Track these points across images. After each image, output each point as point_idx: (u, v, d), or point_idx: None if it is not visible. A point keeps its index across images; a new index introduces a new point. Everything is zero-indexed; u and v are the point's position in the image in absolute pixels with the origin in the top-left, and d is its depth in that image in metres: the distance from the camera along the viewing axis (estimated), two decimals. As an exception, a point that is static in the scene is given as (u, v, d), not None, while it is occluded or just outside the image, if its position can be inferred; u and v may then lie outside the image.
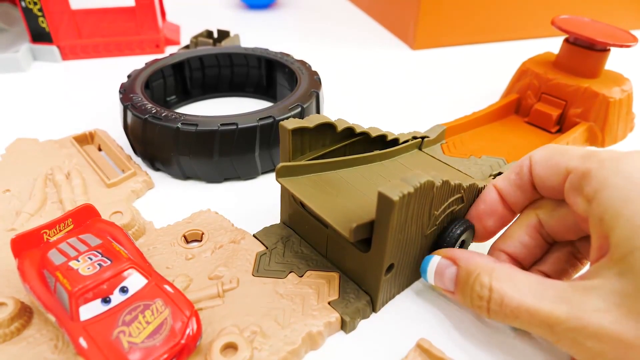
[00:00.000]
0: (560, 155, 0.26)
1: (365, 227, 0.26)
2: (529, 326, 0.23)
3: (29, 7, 0.59)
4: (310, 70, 0.48)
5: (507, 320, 0.24)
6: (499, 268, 0.25)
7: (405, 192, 0.24)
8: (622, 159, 0.23)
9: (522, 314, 0.23)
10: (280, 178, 0.29)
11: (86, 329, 0.23)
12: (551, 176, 0.26)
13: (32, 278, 0.26)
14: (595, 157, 0.24)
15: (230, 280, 0.29)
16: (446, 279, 0.27)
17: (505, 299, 0.24)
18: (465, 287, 0.26)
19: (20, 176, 0.39)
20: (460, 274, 0.26)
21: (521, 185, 0.28)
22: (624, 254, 0.21)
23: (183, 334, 0.24)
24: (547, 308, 0.22)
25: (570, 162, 0.25)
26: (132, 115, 0.40)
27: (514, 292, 0.23)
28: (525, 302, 0.23)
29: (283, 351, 0.25)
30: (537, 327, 0.23)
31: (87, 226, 0.29)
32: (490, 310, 0.24)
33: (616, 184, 0.22)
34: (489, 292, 0.24)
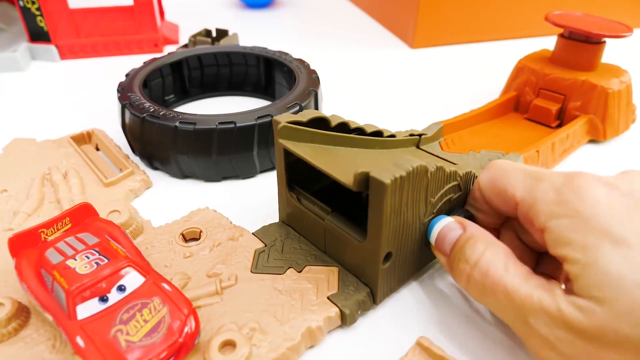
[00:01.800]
0: (505, 181, 0.26)
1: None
2: (502, 306, 0.23)
3: (27, 6, 0.59)
4: (308, 69, 0.48)
5: (484, 293, 0.24)
6: (498, 244, 0.25)
7: (397, 175, 0.24)
8: (562, 188, 0.23)
9: (500, 290, 0.23)
10: (282, 139, 0.28)
11: (83, 328, 0.23)
12: (503, 204, 0.26)
13: (29, 277, 0.26)
14: (537, 187, 0.24)
15: (229, 277, 0.29)
16: (447, 241, 0.27)
17: (492, 270, 0.24)
18: (460, 249, 0.26)
19: (17, 176, 0.39)
20: (462, 237, 0.26)
21: (481, 208, 0.29)
22: (579, 274, 0.21)
23: (181, 332, 0.24)
24: (526, 291, 0.22)
25: (517, 193, 0.25)
26: (130, 114, 0.40)
27: (501, 268, 0.23)
28: (508, 279, 0.23)
29: (282, 347, 0.25)
30: (510, 311, 0.23)
31: (85, 225, 0.29)
32: (470, 278, 0.24)
33: (560, 214, 0.22)
34: (478, 257, 0.24)
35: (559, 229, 0.22)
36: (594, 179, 0.23)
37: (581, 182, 0.23)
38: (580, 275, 0.21)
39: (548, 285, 0.22)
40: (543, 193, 0.24)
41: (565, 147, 0.44)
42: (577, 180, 0.23)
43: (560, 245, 0.22)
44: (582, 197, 0.22)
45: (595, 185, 0.22)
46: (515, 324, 0.23)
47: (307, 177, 0.33)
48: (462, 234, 0.26)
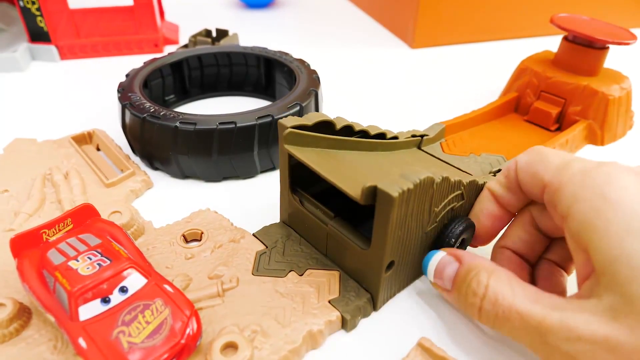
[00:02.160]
0: (539, 164, 0.26)
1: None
2: (518, 331, 0.23)
3: (27, 6, 0.59)
4: (309, 69, 0.48)
5: (498, 322, 0.24)
6: (499, 270, 0.25)
7: (405, 188, 0.24)
8: (591, 171, 0.23)
9: (514, 316, 0.23)
10: (288, 145, 0.28)
11: (85, 329, 0.23)
12: (533, 186, 0.26)
13: (31, 278, 0.26)
14: (566, 171, 0.24)
15: (230, 279, 0.29)
16: (446, 276, 0.27)
17: (500, 298, 0.23)
18: (463, 283, 0.25)
19: (18, 176, 0.39)
20: (461, 271, 0.26)
21: (511, 188, 0.28)
22: (604, 266, 0.21)
23: (183, 334, 0.24)
24: (539, 313, 0.22)
25: (546, 175, 0.25)
26: (130, 115, 0.40)
27: (509, 293, 0.23)
28: (519, 304, 0.23)
29: (284, 350, 0.25)
30: (526, 334, 0.22)
31: (87, 226, 0.29)
32: (482, 310, 0.24)
33: (585, 198, 0.22)
34: (484, 289, 0.24)
35: (581, 213, 0.22)
36: (625, 167, 0.22)
37: (610, 168, 0.22)
38: (607, 269, 0.20)
39: (563, 303, 0.22)
40: (570, 176, 0.23)
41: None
42: (607, 166, 0.22)
43: (583, 231, 0.21)
44: (609, 181, 0.21)
45: (625, 172, 0.22)
46: (534, 345, 0.23)
47: (309, 179, 0.33)
48: (460, 267, 0.26)
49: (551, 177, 0.24)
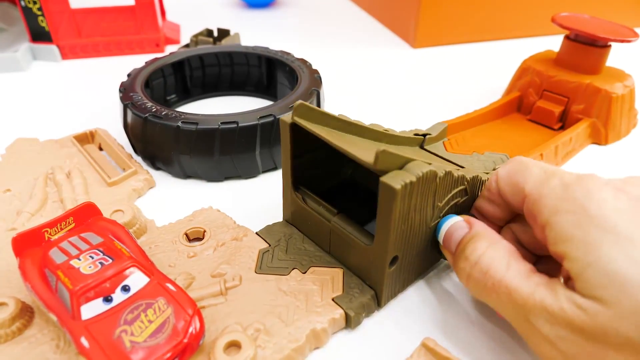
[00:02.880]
0: (520, 174, 0.26)
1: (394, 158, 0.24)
2: (504, 305, 0.23)
3: (29, 6, 0.59)
4: (310, 68, 0.48)
5: (485, 292, 0.24)
6: (501, 242, 0.25)
7: (407, 180, 0.23)
8: (571, 184, 0.23)
9: (502, 289, 0.23)
10: (298, 118, 0.28)
11: (88, 328, 0.23)
12: (513, 196, 0.26)
13: (33, 277, 0.26)
14: (547, 183, 0.24)
15: (233, 277, 0.29)
16: (453, 239, 0.27)
17: (492, 269, 0.24)
18: (462, 247, 0.26)
19: (20, 176, 0.38)
20: (467, 235, 0.26)
21: (494, 201, 0.28)
22: (579, 273, 0.21)
23: (186, 333, 0.24)
24: (528, 290, 0.22)
25: (527, 186, 0.25)
26: (132, 114, 0.40)
27: (502, 266, 0.23)
28: (510, 278, 0.23)
29: (287, 349, 0.25)
30: (512, 309, 0.23)
31: (89, 224, 0.29)
32: (470, 277, 0.24)
33: (566, 210, 0.22)
34: (477, 257, 0.24)
35: (561, 224, 0.22)
36: (604, 181, 0.23)
37: (590, 182, 0.23)
38: (582, 274, 0.21)
39: (550, 284, 0.22)
40: (550, 189, 0.24)
41: (567, 151, 0.44)
42: (587, 180, 0.23)
43: (561, 241, 0.22)
44: (589, 195, 0.22)
45: (604, 186, 0.22)
46: (517, 322, 0.23)
47: (311, 178, 0.33)
48: (467, 233, 0.26)
49: (531, 188, 0.25)
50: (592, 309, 0.20)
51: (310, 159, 0.32)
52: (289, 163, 0.30)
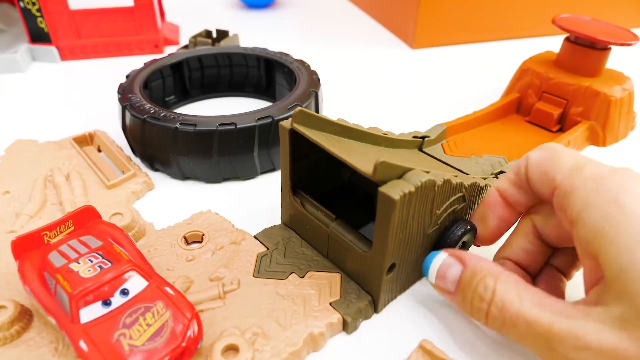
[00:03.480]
0: (551, 163, 0.25)
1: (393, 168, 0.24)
2: (525, 337, 0.22)
3: (28, 7, 0.59)
4: (309, 69, 0.48)
5: (505, 328, 0.23)
6: (505, 274, 0.24)
7: (406, 191, 0.24)
8: (605, 177, 0.22)
9: (521, 322, 0.22)
10: (297, 124, 0.28)
11: (87, 332, 0.23)
12: (542, 185, 0.25)
13: (32, 280, 0.26)
14: (579, 174, 0.23)
15: (231, 281, 0.29)
16: (449, 278, 0.26)
17: (507, 304, 0.23)
18: (468, 288, 0.25)
19: (19, 178, 0.39)
20: (465, 274, 0.25)
21: (521, 186, 0.28)
22: (614, 275, 0.20)
23: (184, 337, 0.24)
24: (547, 320, 0.21)
25: (557, 176, 0.24)
26: (130, 116, 0.40)
27: (516, 299, 0.23)
28: (526, 310, 0.22)
29: (285, 352, 0.25)
30: (534, 340, 0.22)
31: (88, 228, 0.29)
32: (489, 315, 0.24)
33: (598, 204, 0.21)
34: (491, 294, 0.24)
35: (592, 219, 0.21)
36: (638, 175, 0.22)
37: (625, 175, 0.22)
38: (616, 279, 0.20)
39: (570, 310, 0.22)
40: (582, 180, 0.23)
41: (566, 151, 0.44)
42: (621, 173, 0.22)
43: (593, 238, 0.21)
44: (623, 188, 0.21)
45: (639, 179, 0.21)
46: (540, 351, 0.22)
47: (310, 181, 0.33)
48: (465, 270, 0.26)
49: (562, 178, 0.24)
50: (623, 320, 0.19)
51: (309, 163, 0.32)
52: (287, 167, 0.30)
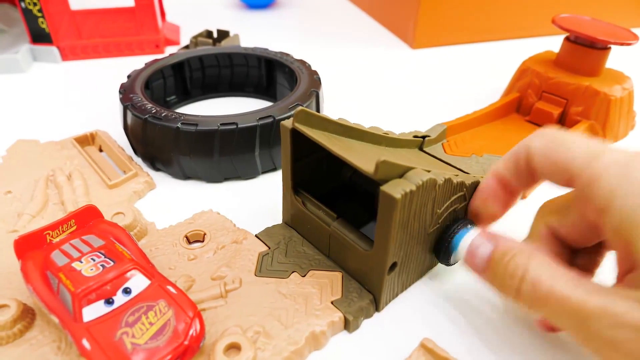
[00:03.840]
0: (561, 152, 0.24)
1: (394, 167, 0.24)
2: (557, 315, 0.22)
3: (29, 7, 0.59)
4: (310, 69, 0.48)
5: (536, 305, 0.23)
6: (537, 253, 0.24)
7: (407, 190, 0.24)
8: (629, 164, 0.21)
9: (554, 299, 0.22)
10: (298, 124, 0.28)
11: (89, 330, 0.23)
12: (553, 175, 0.25)
13: (35, 279, 0.26)
14: (598, 162, 0.22)
15: (233, 280, 0.29)
16: (479, 256, 0.26)
17: (539, 281, 0.22)
18: (499, 265, 0.24)
19: (21, 178, 0.39)
20: (496, 251, 0.25)
21: (519, 173, 0.27)
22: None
23: (186, 335, 0.24)
24: (581, 297, 0.21)
25: (574, 167, 0.23)
26: (132, 116, 0.40)
27: (549, 276, 0.22)
28: (559, 288, 0.22)
29: (286, 351, 0.25)
30: (567, 318, 0.22)
31: (90, 227, 0.29)
32: (520, 291, 0.23)
33: (628, 192, 0.21)
34: (523, 271, 0.23)
35: (623, 208, 0.21)
36: None
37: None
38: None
39: (605, 289, 0.21)
40: (604, 168, 0.22)
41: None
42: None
43: (626, 227, 0.21)
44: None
45: None
46: (573, 329, 0.22)
47: (311, 181, 0.33)
48: (495, 248, 0.25)
49: (580, 169, 0.23)
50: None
51: (310, 162, 0.32)
52: (289, 167, 0.30)
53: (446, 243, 0.29)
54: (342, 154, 0.25)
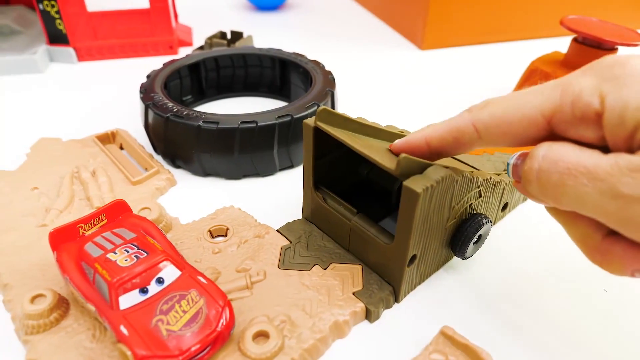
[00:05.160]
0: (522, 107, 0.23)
1: (414, 163, 0.25)
2: (583, 190, 0.20)
3: (47, 9, 0.60)
4: (324, 70, 0.49)
5: (558, 185, 0.21)
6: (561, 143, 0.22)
7: (428, 185, 0.25)
8: (627, 61, 0.20)
9: (580, 170, 0.20)
10: (321, 122, 0.29)
11: (126, 318, 0.24)
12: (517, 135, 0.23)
13: (71, 270, 0.27)
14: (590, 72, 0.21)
15: (258, 272, 0.30)
16: (520, 167, 0.24)
17: (564, 157, 0.21)
18: (528, 158, 0.22)
19: (46, 174, 0.40)
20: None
21: (459, 145, 0.26)
22: None
23: (218, 322, 0.25)
24: (609, 162, 0.19)
25: (545, 106, 0.22)
26: (153, 114, 0.41)
27: (574, 152, 0.20)
28: (586, 158, 0.20)
29: (312, 339, 0.26)
30: (594, 190, 0.19)
31: (120, 221, 0.30)
32: (540, 172, 0.21)
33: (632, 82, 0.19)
34: (544, 152, 0.21)
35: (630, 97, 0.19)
36: None
37: None
38: None
39: (628, 157, 0.19)
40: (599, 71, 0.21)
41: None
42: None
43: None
44: None
45: None
46: (603, 204, 0.19)
47: (329, 178, 0.34)
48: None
49: (553, 101, 0.22)
50: None
51: (328, 160, 0.33)
52: (310, 164, 0.32)
53: (463, 237, 0.30)
54: (364, 151, 0.27)
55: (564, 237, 0.36)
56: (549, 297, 0.31)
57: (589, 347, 0.28)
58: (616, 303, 0.31)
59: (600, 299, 0.31)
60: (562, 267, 0.33)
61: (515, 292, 0.31)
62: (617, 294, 0.31)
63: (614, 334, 0.29)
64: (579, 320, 0.30)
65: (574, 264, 0.33)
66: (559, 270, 0.33)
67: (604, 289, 0.32)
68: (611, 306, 0.31)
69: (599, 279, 0.32)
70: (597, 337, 0.29)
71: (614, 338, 0.29)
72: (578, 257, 0.34)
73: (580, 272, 0.33)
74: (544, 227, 0.37)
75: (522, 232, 0.36)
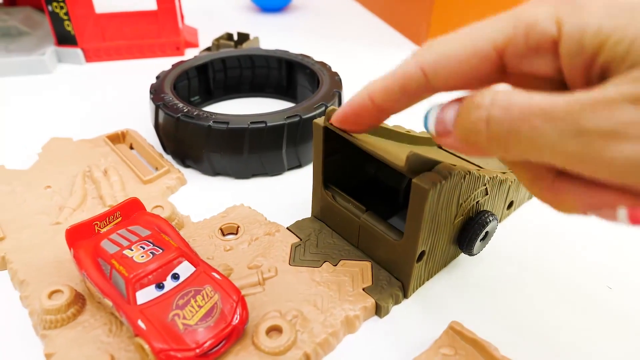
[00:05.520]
0: (473, 42, 0.21)
1: (422, 160, 0.25)
2: (540, 134, 0.18)
3: (56, 11, 0.61)
4: (330, 71, 0.50)
5: (511, 133, 0.18)
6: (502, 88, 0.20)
7: (437, 181, 0.25)
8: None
9: (535, 112, 0.18)
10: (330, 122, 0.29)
11: (143, 312, 0.25)
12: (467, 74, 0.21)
13: (88, 266, 0.27)
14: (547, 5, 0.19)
15: (269, 269, 0.31)
16: (448, 118, 0.22)
17: (513, 101, 0.18)
18: (464, 109, 0.20)
19: (58, 173, 0.40)
20: (462, 103, 0.21)
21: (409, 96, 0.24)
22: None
23: (233, 317, 0.26)
24: (567, 100, 0.17)
25: (497, 37, 0.21)
26: (164, 115, 0.42)
27: (523, 95, 0.18)
28: (539, 99, 0.18)
29: (324, 333, 0.27)
30: (553, 130, 0.17)
31: (134, 218, 0.31)
32: (490, 121, 0.19)
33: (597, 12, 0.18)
34: (491, 98, 0.19)
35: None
36: None
37: None
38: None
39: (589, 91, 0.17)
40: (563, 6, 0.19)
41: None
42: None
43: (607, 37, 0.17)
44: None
45: None
46: (564, 147, 0.17)
47: (336, 177, 0.34)
48: (461, 103, 0.21)
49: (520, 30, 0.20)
50: None
51: (337, 160, 0.34)
52: (320, 162, 0.32)
53: (470, 233, 0.31)
54: (373, 150, 0.27)
55: (569, 234, 0.36)
56: (554, 293, 0.32)
57: (594, 342, 0.28)
58: (620, 299, 0.31)
59: (604, 295, 0.32)
60: (567, 264, 0.34)
61: (521, 288, 0.32)
62: (622, 291, 0.32)
63: (618, 330, 0.29)
64: (584, 315, 0.30)
65: (578, 261, 0.34)
66: (564, 267, 0.34)
67: (608, 286, 0.32)
68: (615, 302, 0.31)
69: (603, 276, 0.33)
70: (602, 332, 0.29)
71: (619, 333, 0.29)
72: (583, 255, 0.35)
73: (585, 269, 0.33)
74: (549, 225, 0.37)
75: (527, 230, 0.37)
